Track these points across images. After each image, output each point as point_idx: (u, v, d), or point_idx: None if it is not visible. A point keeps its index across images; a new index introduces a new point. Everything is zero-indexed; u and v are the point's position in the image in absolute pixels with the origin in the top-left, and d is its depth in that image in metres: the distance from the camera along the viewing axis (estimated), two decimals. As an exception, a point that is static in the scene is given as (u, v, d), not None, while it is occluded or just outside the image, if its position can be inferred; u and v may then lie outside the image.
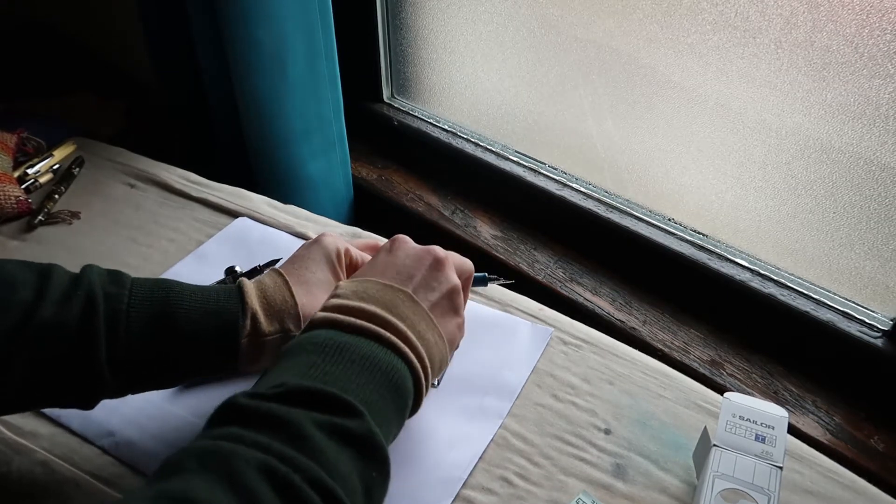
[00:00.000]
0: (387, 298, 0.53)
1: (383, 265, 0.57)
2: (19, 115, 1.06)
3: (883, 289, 0.86)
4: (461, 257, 0.63)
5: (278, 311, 0.59)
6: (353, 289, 0.54)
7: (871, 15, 0.72)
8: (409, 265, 0.57)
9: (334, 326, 0.51)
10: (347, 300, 0.53)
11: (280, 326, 0.58)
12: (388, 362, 0.49)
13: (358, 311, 0.52)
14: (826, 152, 0.82)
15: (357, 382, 0.47)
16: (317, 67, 1.03)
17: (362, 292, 0.53)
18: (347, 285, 0.55)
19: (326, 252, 0.64)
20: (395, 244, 0.59)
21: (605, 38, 0.94)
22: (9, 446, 0.63)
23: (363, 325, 0.50)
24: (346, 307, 0.52)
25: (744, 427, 0.59)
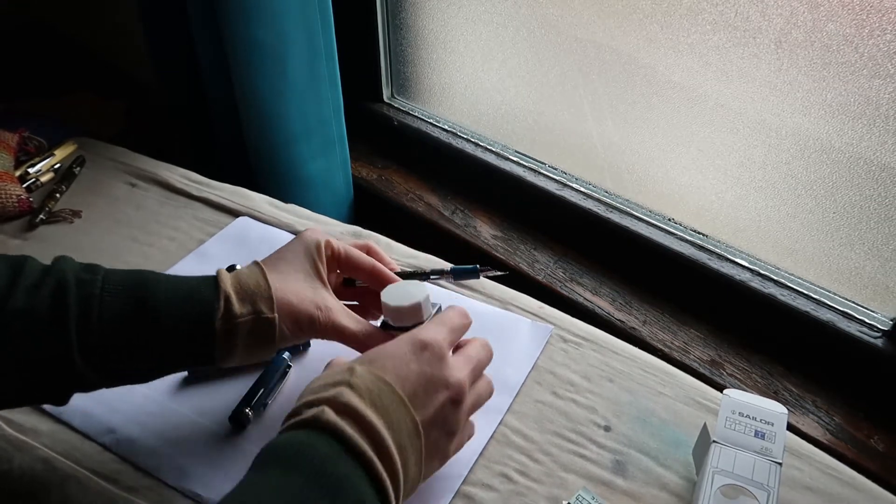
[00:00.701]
0: (396, 417, 0.49)
1: (407, 368, 0.52)
2: (20, 114, 1.06)
3: (883, 289, 0.86)
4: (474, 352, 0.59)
5: (251, 294, 0.58)
6: (369, 386, 0.49)
7: (871, 15, 0.72)
8: (432, 388, 0.52)
9: (337, 437, 0.46)
10: (360, 403, 0.48)
11: (252, 308, 0.57)
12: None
13: (367, 426, 0.47)
14: (826, 152, 0.82)
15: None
16: (317, 67, 1.03)
17: (377, 397, 0.49)
18: (364, 375, 0.50)
19: (306, 244, 0.63)
20: (430, 351, 0.53)
21: (605, 38, 0.94)
22: (10, 443, 0.63)
23: (365, 452, 0.46)
24: (357, 413, 0.47)
25: (743, 423, 0.59)
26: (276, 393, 0.69)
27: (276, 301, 0.58)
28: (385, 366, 0.52)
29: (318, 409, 0.47)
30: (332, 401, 0.48)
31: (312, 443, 0.46)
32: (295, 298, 0.59)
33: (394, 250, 0.85)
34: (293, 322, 0.59)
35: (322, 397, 0.48)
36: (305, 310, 0.59)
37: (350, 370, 0.51)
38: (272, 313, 0.57)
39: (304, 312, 0.59)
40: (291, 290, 0.59)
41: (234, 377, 0.70)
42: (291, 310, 0.59)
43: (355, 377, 0.50)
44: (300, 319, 0.59)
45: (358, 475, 0.45)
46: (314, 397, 0.49)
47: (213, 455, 0.64)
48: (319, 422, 0.47)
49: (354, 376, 0.50)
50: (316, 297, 0.60)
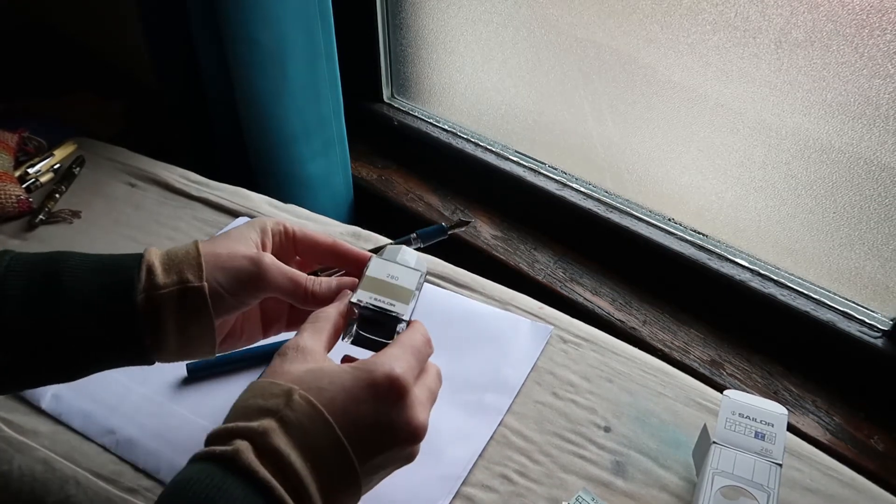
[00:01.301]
0: (331, 464, 0.44)
1: (357, 409, 0.45)
2: (20, 115, 1.06)
3: (883, 289, 0.86)
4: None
5: (177, 263, 0.52)
6: (304, 423, 0.43)
7: (871, 15, 0.72)
8: (386, 438, 0.46)
9: (255, 485, 0.41)
10: (287, 446, 0.43)
11: (178, 278, 0.51)
12: None
13: (292, 476, 0.42)
14: (826, 152, 0.82)
15: None
16: (317, 67, 1.03)
17: (312, 439, 0.43)
18: (302, 408, 0.44)
19: (251, 223, 0.57)
20: (393, 393, 0.46)
21: (605, 38, 0.94)
22: (10, 444, 0.63)
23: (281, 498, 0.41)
24: (282, 460, 0.42)
25: (743, 424, 0.59)
26: (275, 394, 0.68)
27: (206, 266, 0.52)
28: (332, 399, 0.45)
29: (238, 444, 0.42)
30: (255, 437, 0.42)
31: (227, 488, 0.41)
32: (226, 255, 0.53)
33: (394, 251, 0.85)
34: (228, 280, 0.52)
35: (247, 428, 0.43)
36: (239, 264, 0.53)
37: (287, 396, 0.44)
38: (200, 281, 0.51)
39: (237, 267, 0.53)
40: (224, 251, 0.53)
41: (234, 377, 0.70)
42: (222, 266, 0.52)
43: (290, 409, 0.44)
44: (237, 274, 0.52)
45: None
46: (238, 426, 0.44)
47: (212, 456, 0.64)
48: (237, 463, 0.41)
49: (290, 407, 0.44)
50: (249, 252, 0.54)
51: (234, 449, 0.42)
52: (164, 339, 0.51)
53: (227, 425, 0.44)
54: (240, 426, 0.43)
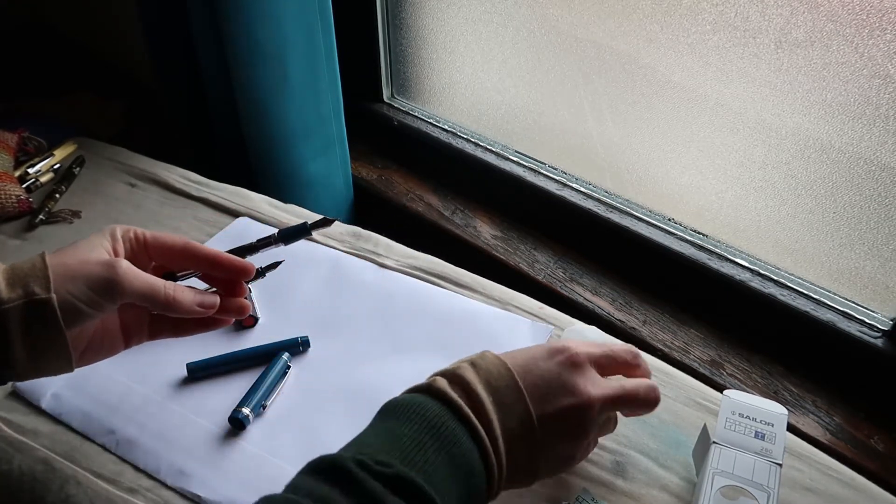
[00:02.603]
0: (509, 402, 0.52)
1: (535, 364, 0.54)
2: (20, 115, 1.06)
3: (883, 289, 0.86)
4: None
5: (22, 276, 0.50)
6: (489, 367, 0.53)
7: (871, 15, 0.72)
8: (557, 390, 0.53)
9: (452, 408, 0.50)
10: (474, 378, 0.52)
11: (23, 291, 0.49)
12: (479, 479, 0.49)
13: (475, 400, 0.51)
14: (826, 152, 0.82)
15: (452, 487, 0.47)
16: (317, 67, 1.03)
17: (494, 378, 0.53)
18: (490, 358, 0.54)
19: (101, 231, 0.55)
20: (564, 356, 0.55)
21: (605, 38, 0.94)
22: (10, 444, 0.63)
23: (470, 418, 0.50)
24: (468, 386, 0.52)
25: (743, 424, 0.59)
26: (275, 393, 0.69)
27: (54, 278, 0.50)
28: (515, 357, 0.55)
29: (435, 378, 0.53)
30: (449, 373, 0.53)
31: (425, 403, 0.50)
32: (77, 263, 0.51)
33: (394, 250, 0.85)
34: (81, 289, 0.50)
35: (446, 370, 0.53)
36: (91, 271, 0.51)
37: (482, 354, 0.55)
38: (47, 293, 0.49)
39: (90, 274, 0.51)
40: (74, 261, 0.51)
41: (234, 377, 0.70)
42: (73, 275, 0.50)
43: (481, 358, 0.54)
44: (90, 282, 0.51)
45: (466, 436, 0.49)
46: (443, 369, 0.54)
47: (212, 456, 0.64)
48: (432, 388, 0.51)
49: (482, 358, 0.54)
50: (102, 258, 0.52)
51: (431, 379, 0.53)
52: (13, 354, 0.49)
53: (435, 372, 0.54)
54: (443, 370, 0.54)
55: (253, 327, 0.76)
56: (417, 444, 0.47)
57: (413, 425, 0.48)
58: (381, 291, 0.80)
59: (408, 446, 0.47)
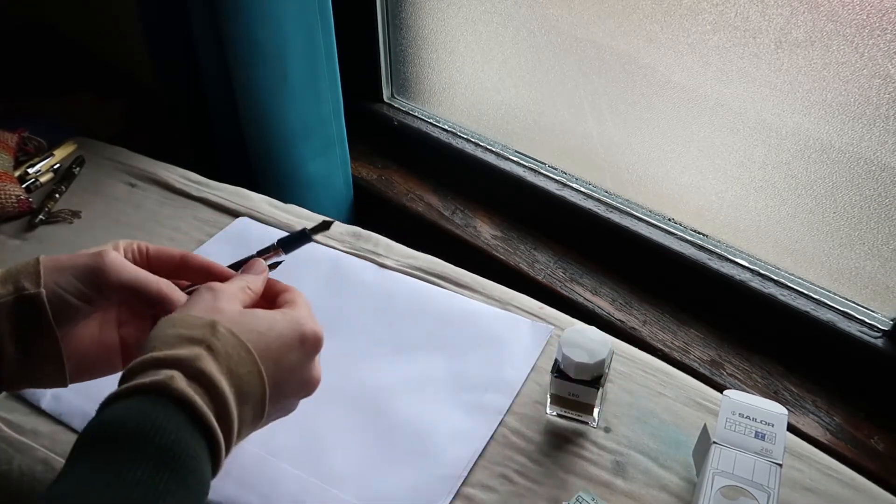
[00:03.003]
0: (251, 402, 0.46)
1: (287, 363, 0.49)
2: (20, 115, 1.06)
3: (883, 289, 0.86)
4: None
5: (14, 274, 0.50)
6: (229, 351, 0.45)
7: (871, 15, 0.72)
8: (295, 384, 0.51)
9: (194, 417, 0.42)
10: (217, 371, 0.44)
11: (14, 287, 0.49)
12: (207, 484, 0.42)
13: (218, 398, 0.43)
14: (826, 152, 0.82)
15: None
16: (317, 67, 1.03)
17: (238, 376, 0.45)
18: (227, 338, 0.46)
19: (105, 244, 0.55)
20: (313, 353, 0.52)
21: (605, 38, 0.94)
22: (10, 444, 0.63)
23: (216, 432, 0.42)
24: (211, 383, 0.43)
25: (743, 424, 0.59)
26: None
27: (45, 271, 0.50)
28: (260, 338, 0.48)
29: (167, 373, 0.42)
30: (186, 363, 0.43)
31: (158, 421, 0.40)
32: (67, 258, 0.51)
33: (394, 250, 0.85)
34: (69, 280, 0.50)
35: (175, 356, 0.43)
36: (80, 261, 0.51)
37: (211, 327, 0.46)
38: (36, 288, 0.49)
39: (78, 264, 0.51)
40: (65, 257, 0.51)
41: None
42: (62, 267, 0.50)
43: (217, 338, 0.45)
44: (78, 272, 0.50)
45: (204, 452, 0.42)
46: (166, 354, 0.44)
47: (212, 456, 0.63)
48: (169, 390, 0.41)
49: (216, 336, 0.45)
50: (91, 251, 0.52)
51: (163, 377, 0.42)
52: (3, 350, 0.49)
53: (151, 355, 0.44)
54: (167, 354, 0.43)
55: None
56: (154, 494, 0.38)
57: (144, 466, 0.38)
58: (381, 291, 0.80)
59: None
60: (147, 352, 0.44)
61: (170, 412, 0.41)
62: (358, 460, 0.59)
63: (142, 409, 0.41)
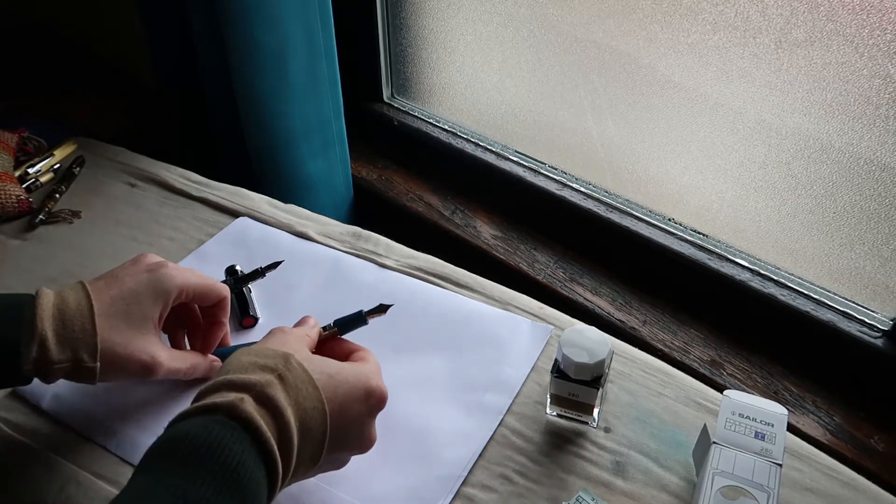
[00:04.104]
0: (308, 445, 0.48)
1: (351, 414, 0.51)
2: (20, 114, 1.06)
3: (883, 289, 0.86)
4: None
5: (72, 340, 0.54)
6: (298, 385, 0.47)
7: (871, 15, 0.72)
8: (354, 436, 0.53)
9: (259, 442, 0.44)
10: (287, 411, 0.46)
11: (72, 355, 0.54)
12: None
13: (282, 427, 0.45)
14: (826, 152, 0.82)
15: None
16: (317, 67, 1.03)
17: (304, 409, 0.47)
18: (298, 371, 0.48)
19: (164, 290, 0.59)
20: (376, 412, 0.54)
21: (605, 38, 0.94)
22: (10, 444, 0.63)
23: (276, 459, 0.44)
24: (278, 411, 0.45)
25: (743, 424, 0.59)
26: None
27: (101, 350, 0.55)
28: (329, 379, 0.50)
29: (238, 395, 0.44)
30: (257, 389, 0.45)
31: (224, 441, 0.42)
32: (122, 350, 0.56)
33: (394, 250, 0.85)
34: (118, 371, 0.57)
35: (247, 380, 0.46)
36: (136, 360, 0.57)
37: (285, 358, 0.48)
38: (94, 362, 0.54)
39: (133, 363, 0.57)
40: (120, 341, 0.56)
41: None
42: (117, 360, 0.56)
43: (289, 369, 0.48)
44: (128, 369, 0.58)
45: (263, 479, 0.43)
46: (238, 377, 0.46)
47: (212, 456, 0.64)
48: (237, 411, 0.43)
49: (289, 368, 0.48)
50: (147, 346, 0.58)
51: (232, 399, 0.44)
52: (50, 381, 0.55)
53: (224, 377, 0.46)
54: (240, 377, 0.46)
55: (253, 327, 0.76)
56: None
57: (208, 484, 0.40)
58: (381, 291, 0.80)
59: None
60: (221, 375, 0.47)
61: (237, 434, 0.42)
62: (358, 460, 0.59)
63: (210, 427, 0.42)
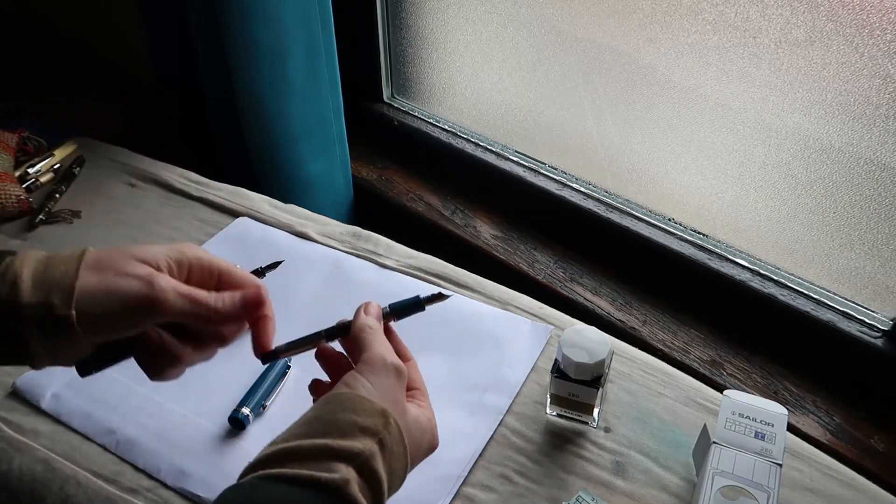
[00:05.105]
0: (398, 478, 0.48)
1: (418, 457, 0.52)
2: (20, 114, 1.06)
3: (883, 289, 0.86)
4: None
5: (49, 281, 0.45)
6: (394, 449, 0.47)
7: (871, 15, 0.72)
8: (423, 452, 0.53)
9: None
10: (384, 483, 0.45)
11: (44, 298, 0.44)
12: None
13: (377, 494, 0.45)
14: (826, 152, 0.82)
15: None
16: (317, 67, 1.03)
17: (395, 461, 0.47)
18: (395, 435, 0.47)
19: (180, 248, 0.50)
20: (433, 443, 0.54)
21: (605, 38, 0.94)
22: (10, 444, 0.63)
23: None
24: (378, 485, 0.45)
25: (743, 424, 0.59)
26: (275, 394, 0.69)
27: (82, 287, 0.45)
28: (410, 429, 0.50)
29: (344, 474, 0.43)
30: (360, 463, 0.44)
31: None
32: (113, 280, 0.46)
33: (394, 250, 0.85)
34: (117, 311, 0.46)
35: (350, 450, 0.44)
36: (132, 292, 0.46)
37: (384, 417, 0.47)
38: (67, 309, 0.44)
39: (130, 295, 0.46)
40: (110, 275, 0.46)
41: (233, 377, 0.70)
42: (106, 287, 0.46)
43: (388, 432, 0.46)
44: (127, 304, 0.46)
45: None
46: (341, 445, 0.44)
47: (212, 456, 0.64)
48: (344, 494, 0.42)
49: (388, 430, 0.46)
50: (142, 272, 0.47)
51: (343, 478, 0.42)
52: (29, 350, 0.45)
53: (326, 443, 0.44)
54: (343, 446, 0.44)
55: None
56: None
57: None
58: (381, 291, 0.80)
59: None
60: (316, 436, 0.44)
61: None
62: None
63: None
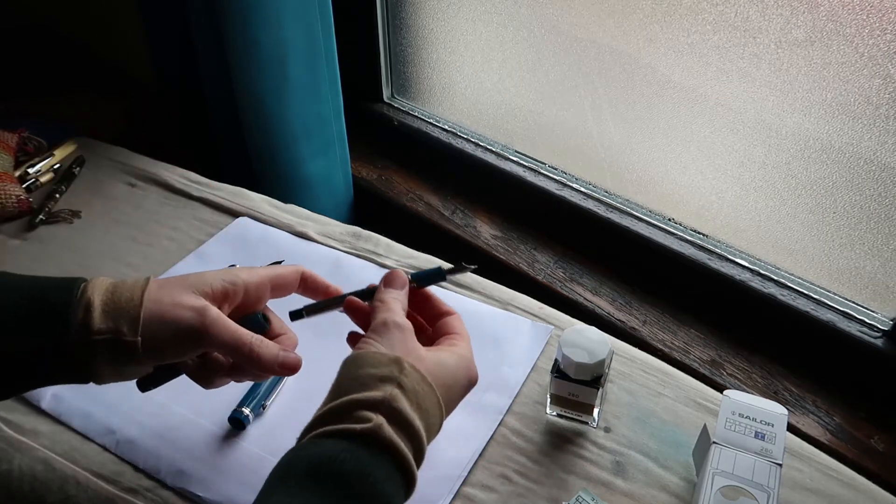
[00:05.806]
0: (432, 429, 0.50)
1: (455, 389, 0.54)
2: (20, 114, 1.06)
3: (883, 289, 0.86)
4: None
5: (117, 310, 0.50)
6: (416, 388, 0.49)
7: (871, 15, 0.72)
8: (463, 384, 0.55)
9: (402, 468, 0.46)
10: (410, 410, 0.48)
11: (114, 327, 0.49)
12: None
13: (414, 435, 0.48)
14: (826, 152, 0.82)
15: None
16: (317, 67, 1.03)
17: (422, 399, 0.49)
18: (412, 374, 0.49)
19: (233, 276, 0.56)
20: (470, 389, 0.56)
21: (605, 38, 0.94)
22: (10, 444, 0.63)
23: (414, 473, 0.47)
24: (408, 423, 0.47)
25: (743, 424, 0.59)
26: (275, 393, 0.69)
27: (145, 315, 0.50)
28: (432, 370, 0.52)
29: (374, 421, 0.46)
30: (386, 407, 0.47)
31: (370, 468, 0.45)
32: (170, 308, 0.51)
33: (394, 250, 0.85)
34: (168, 333, 0.51)
35: (372, 398, 0.47)
36: (185, 321, 0.51)
37: (398, 364, 0.49)
38: (134, 336, 0.50)
39: (183, 324, 0.51)
40: (168, 298, 0.52)
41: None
42: (162, 316, 0.51)
43: (405, 375, 0.49)
44: (181, 333, 0.51)
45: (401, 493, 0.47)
46: (365, 396, 0.47)
47: (212, 456, 0.64)
48: (378, 437, 0.46)
49: (404, 374, 0.49)
50: (196, 303, 0.52)
51: (371, 426, 0.46)
52: (96, 371, 0.51)
53: (350, 397, 0.47)
54: (366, 396, 0.47)
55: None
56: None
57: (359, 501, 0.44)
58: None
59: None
60: (342, 394, 0.48)
61: (379, 460, 0.45)
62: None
63: (356, 453, 0.45)
